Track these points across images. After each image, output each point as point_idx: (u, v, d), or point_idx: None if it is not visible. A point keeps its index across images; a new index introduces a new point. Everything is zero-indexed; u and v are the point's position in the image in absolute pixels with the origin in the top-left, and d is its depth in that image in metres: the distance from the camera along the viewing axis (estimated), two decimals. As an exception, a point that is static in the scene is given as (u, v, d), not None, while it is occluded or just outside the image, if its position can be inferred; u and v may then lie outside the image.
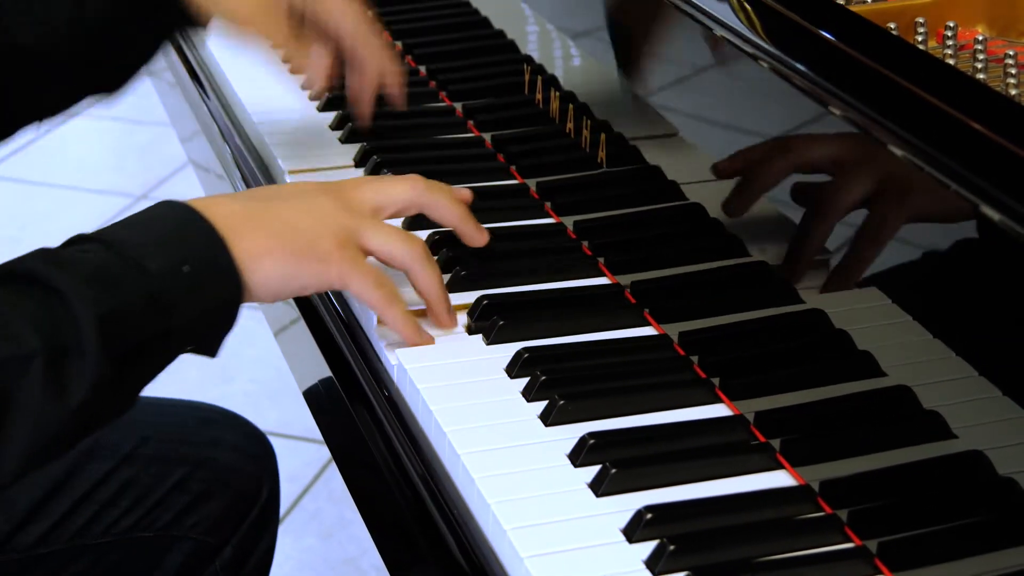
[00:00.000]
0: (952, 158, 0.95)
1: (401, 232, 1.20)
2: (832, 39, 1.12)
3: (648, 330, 1.23)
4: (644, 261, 1.29)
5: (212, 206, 1.11)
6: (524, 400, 1.14)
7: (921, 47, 1.20)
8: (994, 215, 0.90)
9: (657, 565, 0.96)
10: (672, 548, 0.97)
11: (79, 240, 1.07)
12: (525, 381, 1.15)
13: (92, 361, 0.99)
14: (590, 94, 1.43)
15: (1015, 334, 0.92)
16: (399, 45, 1.76)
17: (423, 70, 1.70)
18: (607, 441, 1.08)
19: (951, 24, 1.20)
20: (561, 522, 1.01)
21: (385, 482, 1.14)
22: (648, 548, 0.98)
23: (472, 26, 1.70)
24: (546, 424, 1.11)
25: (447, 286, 1.26)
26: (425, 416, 1.13)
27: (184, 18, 1.39)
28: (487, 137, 1.55)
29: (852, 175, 1.07)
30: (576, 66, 1.49)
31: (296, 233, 1.13)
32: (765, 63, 1.13)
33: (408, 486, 1.12)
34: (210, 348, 1.10)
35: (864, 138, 1.04)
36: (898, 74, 1.04)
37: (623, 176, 1.37)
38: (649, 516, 0.99)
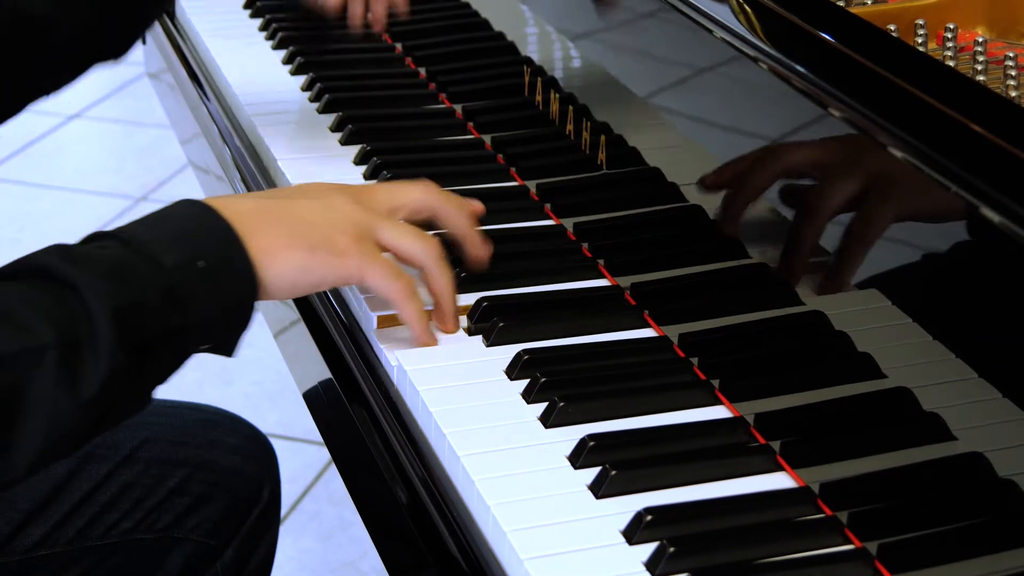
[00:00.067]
0: (952, 160, 0.95)
1: (418, 230, 1.20)
2: (832, 41, 1.12)
3: (648, 332, 1.23)
4: (644, 263, 1.29)
5: (228, 204, 1.11)
6: (524, 402, 1.14)
7: (921, 49, 1.20)
8: (994, 217, 0.90)
9: (657, 567, 0.96)
10: (672, 550, 0.97)
11: (96, 237, 1.07)
12: (525, 383, 1.15)
13: (106, 354, 0.99)
14: (590, 96, 1.43)
15: (1015, 336, 0.92)
16: (399, 47, 1.76)
17: (423, 72, 1.70)
18: (607, 443, 1.08)
19: (951, 26, 1.20)
20: (561, 524, 1.01)
21: (385, 484, 1.14)
22: (648, 550, 0.98)
23: (472, 28, 1.70)
24: (546, 426, 1.11)
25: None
26: (425, 418, 1.13)
27: None
28: (487, 139, 1.55)
29: (834, 176, 1.08)
30: (576, 68, 1.49)
31: (311, 228, 1.13)
32: (765, 65, 1.13)
33: (408, 488, 1.12)
34: (227, 347, 1.10)
35: (847, 140, 1.04)
36: (898, 76, 1.04)
37: (623, 178, 1.37)
38: (649, 518, 0.99)
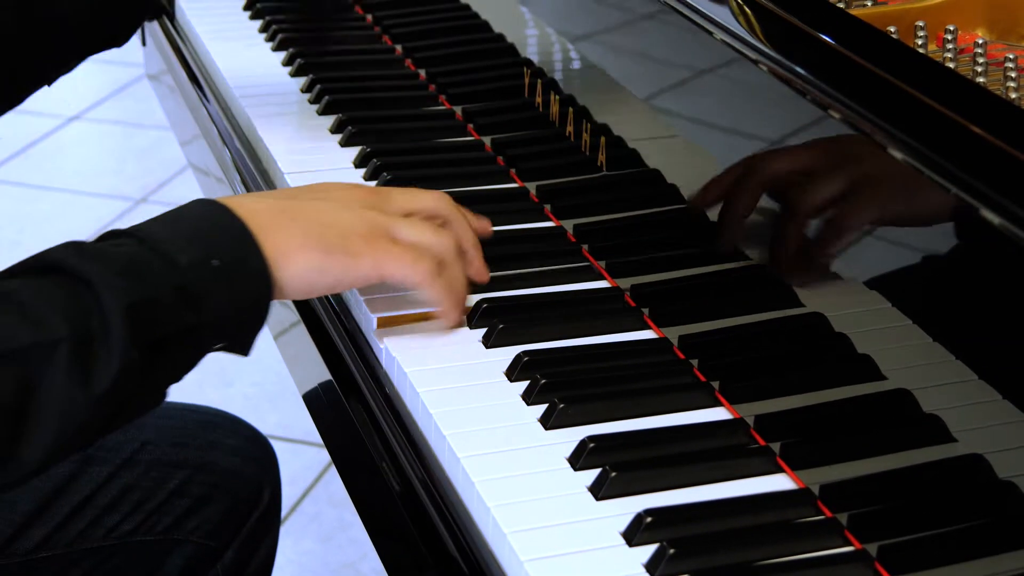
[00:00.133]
0: (952, 162, 0.95)
1: (433, 226, 1.20)
2: (832, 43, 1.12)
3: (648, 333, 1.23)
4: (644, 264, 1.29)
5: (243, 203, 1.12)
6: (524, 403, 1.14)
7: (921, 51, 1.20)
8: (994, 219, 0.90)
9: (657, 569, 0.96)
10: (672, 552, 0.97)
11: (111, 235, 1.08)
12: (525, 384, 1.15)
13: (119, 349, 0.99)
14: (590, 98, 1.43)
15: (1015, 338, 0.92)
16: (399, 49, 1.76)
17: (423, 73, 1.70)
18: (607, 444, 1.08)
19: (951, 28, 1.20)
20: (561, 525, 1.01)
21: (385, 485, 1.14)
22: (648, 552, 0.98)
23: (472, 29, 1.70)
24: (546, 427, 1.11)
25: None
26: (424, 419, 1.13)
27: None
28: (487, 140, 1.55)
29: (817, 176, 1.09)
30: (576, 69, 1.49)
31: (326, 229, 1.13)
32: (765, 67, 1.13)
33: (408, 489, 1.12)
34: (242, 345, 1.11)
35: (826, 141, 1.05)
36: (898, 78, 1.04)
37: (623, 179, 1.37)
38: (649, 520, 0.99)
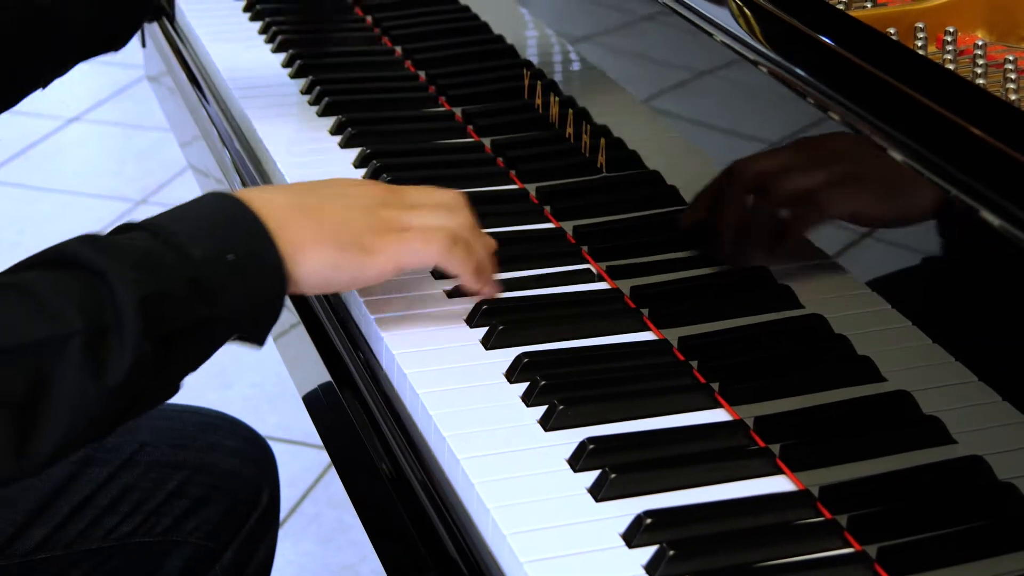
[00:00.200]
0: (952, 163, 0.95)
1: (444, 210, 1.20)
2: (832, 44, 1.12)
3: (647, 335, 1.23)
4: (644, 266, 1.29)
5: (259, 197, 1.12)
6: (524, 405, 1.14)
7: (921, 52, 1.20)
8: (994, 220, 0.90)
9: (657, 570, 0.96)
10: (672, 553, 0.97)
11: (125, 228, 1.08)
12: (525, 386, 1.15)
13: (132, 342, 0.99)
14: (590, 99, 1.43)
15: (1015, 339, 0.92)
16: (399, 50, 1.76)
17: (423, 75, 1.70)
18: (607, 446, 1.07)
19: (951, 29, 1.20)
20: (561, 527, 1.01)
21: (384, 487, 1.14)
22: (648, 553, 0.98)
23: (472, 31, 1.70)
24: (546, 429, 1.11)
25: (448, 294, 1.27)
26: (424, 421, 1.13)
27: None
28: (487, 142, 1.55)
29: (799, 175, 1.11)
30: (575, 71, 1.48)
31: (341, 226, 1.14)
32: (765, 68, 1.13)
33: (407, 491, 1.12)
34: (257, 337, 1.11)
35: (801, 143, 1.06)
36: (898, 79, 1.04)
37: (623, 181, 1.37)
38: (649, 521, 0.99)
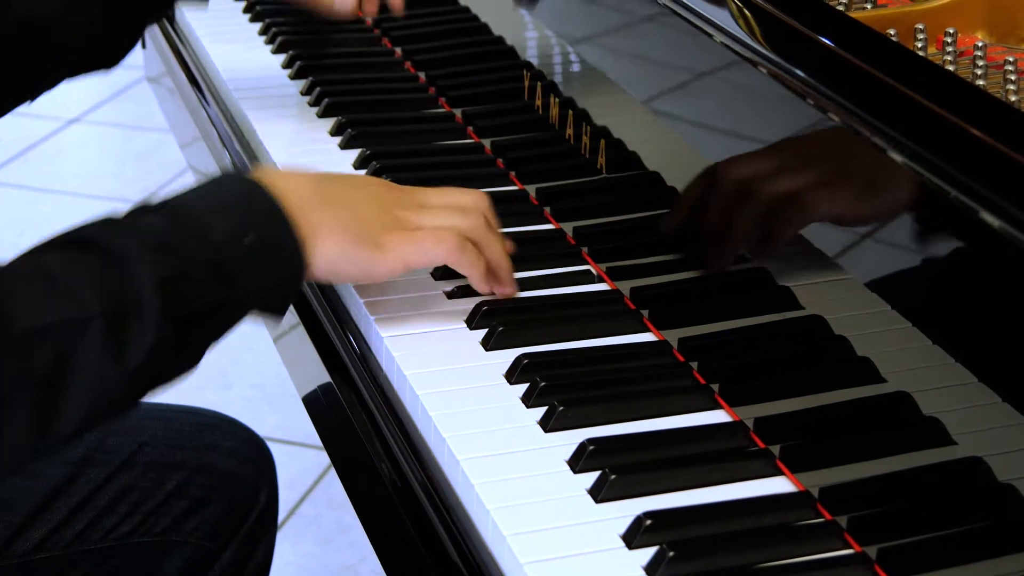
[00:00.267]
0: (952, 164, 0.95)
1: (457, 210, 1.21)
2: (832, 45, 1.12)
3: (647, 336, 1.23)
4: (644, 267, 1.29)
5: (278, 181, 1.12)
6: (524, 406, 1.14)
7: (921, 53, 1.20)
8: (994, 221, 0.90)
9: (657, 571, 0.96)
10: (672, 554, 0.96)
11: (143, 210, 1.07)
12: (525, 387, 1.15)
13: (152, 324, 0.99)
14: (590, 100, 1.43)
15: (1015, 340, 0.92)
16: (399, 51, 1.76)
17: (423, 76, 1.70)
18: (607, 447, 1.07)
19: (951, 30, 1.20)
20: (560, 528, 1.01)
21: (384, 488, 1.14)
22: (648, 554, 0.98)
23: (472, 32, 1.70)
24: (545, 430, 1.11)
25: (448, 295, 1.27)
26: (424, 422, 1.13)
27: None
28: (487, 143, 1.55)
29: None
30: (575, 72, 1.48)
31: (357, 219, 1.14)
32: (765, 69, 1.13)
33: (407, 492, 1.12)
34: (277, 311, 1.11)
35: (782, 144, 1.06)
36: (898, 81, 1.04)
37: (622, 182, 1.37)
38: (648, 522, 0.99)
